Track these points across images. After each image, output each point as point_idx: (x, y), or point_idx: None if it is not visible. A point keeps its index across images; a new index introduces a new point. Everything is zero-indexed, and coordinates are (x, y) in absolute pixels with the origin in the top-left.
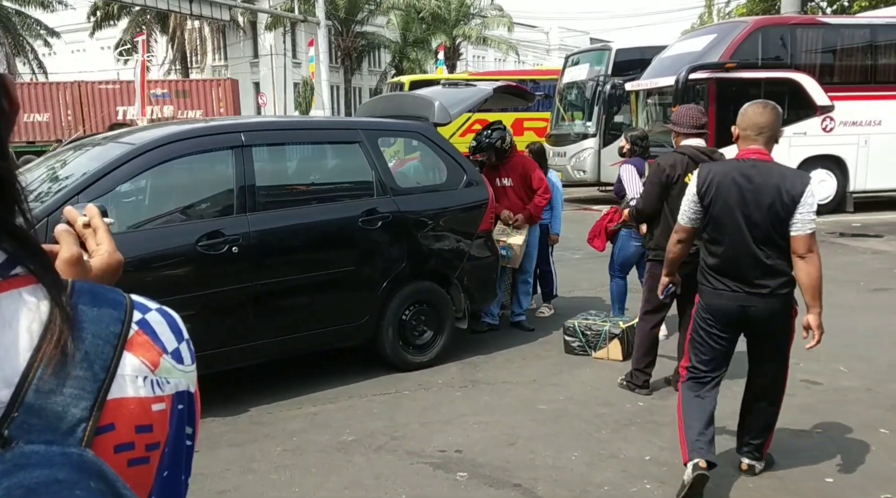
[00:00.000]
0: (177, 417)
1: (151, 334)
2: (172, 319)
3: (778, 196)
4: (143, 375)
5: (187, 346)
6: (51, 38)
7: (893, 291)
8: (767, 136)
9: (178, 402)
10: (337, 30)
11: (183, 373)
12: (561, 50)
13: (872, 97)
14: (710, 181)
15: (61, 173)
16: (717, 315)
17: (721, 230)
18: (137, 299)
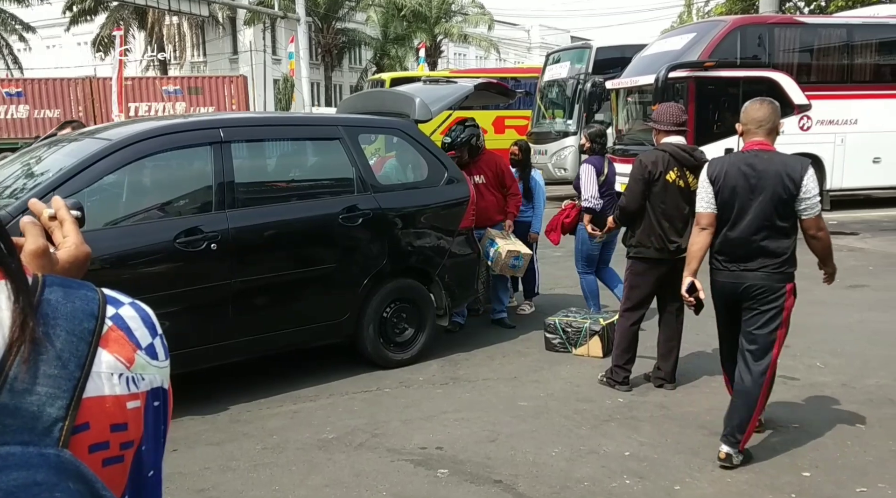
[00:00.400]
0: (152, 415)
1: (125, 330)
2: (146, 314)
3: (780, 181)
4: (118, 372)
5: (161, 341)
6: (26, 33)
7: (869, 287)
8: (767, 129)
9: (154, 398)
10: (317, 26)
11: (157, 369)
12: (542, 48)
13: (849, 96)
14: (720, 171)
15: (37, 169)
16: (718, 291)
17: (726, 214)
18: (109, 293)
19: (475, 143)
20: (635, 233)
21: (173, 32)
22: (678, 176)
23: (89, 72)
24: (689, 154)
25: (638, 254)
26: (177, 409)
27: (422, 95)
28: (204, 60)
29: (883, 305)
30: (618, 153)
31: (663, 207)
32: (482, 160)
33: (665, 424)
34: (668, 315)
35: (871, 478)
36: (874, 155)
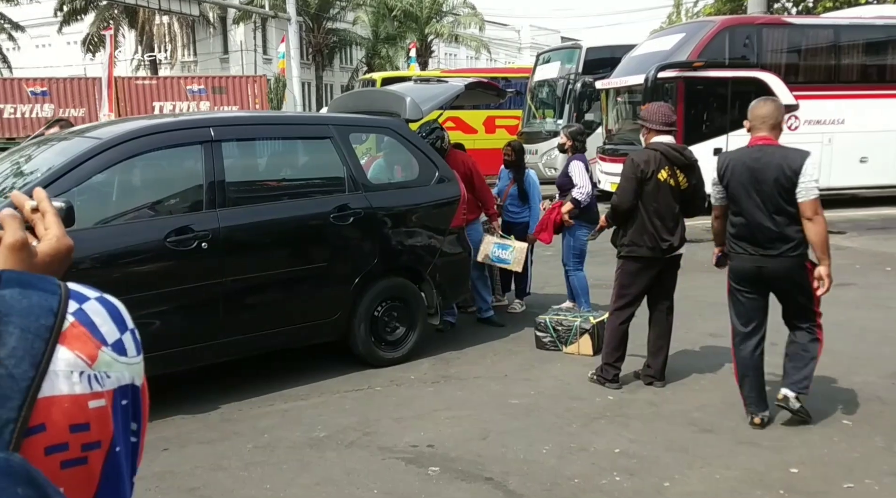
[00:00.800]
0: (121, 413)
1: (89, 325)
2: (114, 308)
3: (780, 171)
4: (78, 370)
5: (132, 336)
6: (15, 32)
7: (856, 286)
8: (770, 125)
9: (122, 397)
10: (308, 26)
11: (126, 365)
12: (532, 48)
13: (836, 96)
14: (726, 166)
15: (26, 168)
16: (738, 275)
17: (738, 204)
18: (75, 288)
19: (439, 146)
20: (627, 232)
21: (163, 32)
22: (669, 175)
23: (79, 71)
24: (680, 153)
25: (630, 253)
26: (167, 407)
27: (412, 95)
28: (194, 60)
29: (870, 303)
30: (608, 153)
31: (655, 206)
32: (449, 161)
33: (655, 422)
34: (658, 314)
35: (859, 474)
36: (861, 155)
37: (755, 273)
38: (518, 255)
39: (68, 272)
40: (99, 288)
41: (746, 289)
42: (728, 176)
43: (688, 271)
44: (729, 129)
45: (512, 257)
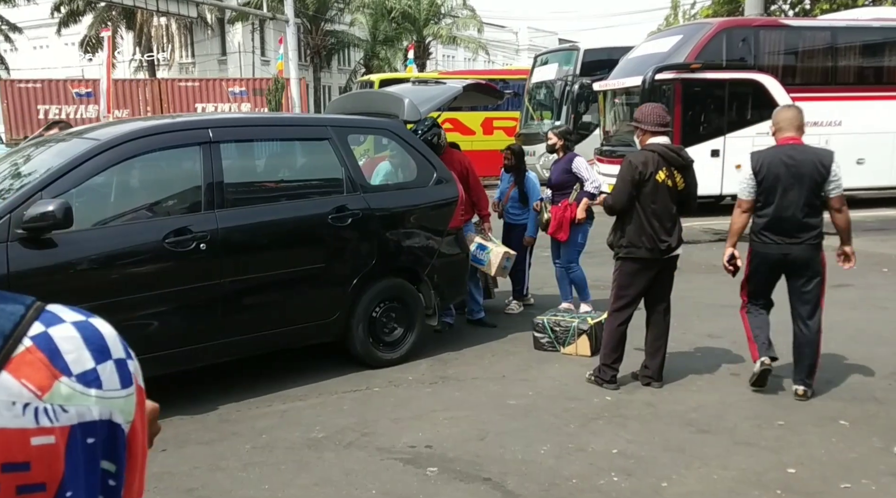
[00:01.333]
0: (82, 453)
1: (50, 352)
2: (95, 335)
3: (815, 168)
4: (23, 401)
5: (116, 366)
6: (13, 33)
7: (853, 287)
8: (796, 126)
9: (86, 434)
10: (306, 28)
11: (98, 399)
12: (530, 50)
13: (833, 98)
14: (763, 163)
15: (24, 170)
16: (765, 260)
17: (771, 197)
18: (53, 310)
19: (436, 142)
20: (625, 233)
21: (161, 33)
22: (667, 176)
23: (77, 73)
24: (677, 154)
25: (629, 254)
26: (166, 408)
27: (411, 96)
28: (192, 61)
29: (867, 304)
30: (605, 154)
31: (653, 207)
32: (445, 159)
33: (652, 422)
34: (656, 315)
35: (856, 474)
36: (858, 156)
37: (781, 259)
38: (493, 258)
39: (68, 273)
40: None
41: (767, 273)
42: (764, 172)
43: (685, 272)
44: (726, 130)
45: (487, 259)
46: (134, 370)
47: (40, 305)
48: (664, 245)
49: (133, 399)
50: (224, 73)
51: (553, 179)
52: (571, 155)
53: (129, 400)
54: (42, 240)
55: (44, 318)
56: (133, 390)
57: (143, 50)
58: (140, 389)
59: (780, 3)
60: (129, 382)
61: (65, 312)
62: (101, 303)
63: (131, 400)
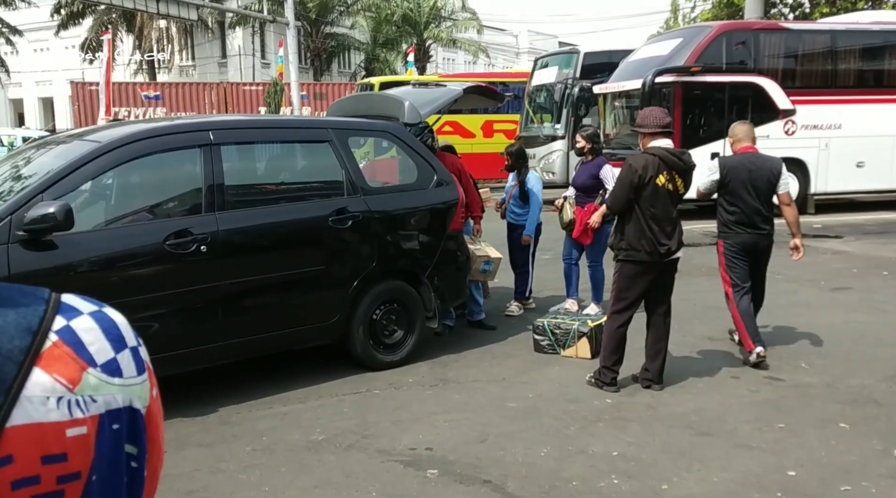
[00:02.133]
0: (109, 439)
1: (75, 345)
2: (111, 324)
3: (770, 172)
4: (56, 395)
5: (132, 354)
6: (13, 36)
7: (853, 290)
8: (752, 138)
9: (112, 421)
10: (306, 31)
11: (120, 387)
12: (530, 53)
13: (832, 101)
14: (728, 168)
15: (25, 171)
16: (741, 247)
17: (737, 197)
18: (69, 301)
19: (428, 144)
20: (625, 236)
21: (161, 36)
22: (668, 179)
23: (77, 75)
24: (678, 158)
25: (629, 257)
26: (166, 410)
27: (411, 98)
28: (193, 64)
29: (866, 307)
30: (605, 157)
31: (653, 211)
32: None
33: (653, 425)
34: (657, 317)
35: (856, 476)
36: (858, 159)
37: (753, 246)
38: (495, 267)
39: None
40: (98, 291)
41: (744, 258)
42: (730, 176)
43: (685, 275)
44: (726, 133)
45: (490, 269)
46: (145, 357)
47: (57, 298)
48: (664, 248)
49: (147, 384)
50: (224, 77)
51: (578, 182)
52: (601, 160)
53: (144, 386)
54: (43, 242)
55: (63, 310)
56: (146, 376)
57: (143, 52)
58: (152, 374)
59: (779, 6)
60: (143, 369)
61: (80, 303)
62: None
63: (146, 385)
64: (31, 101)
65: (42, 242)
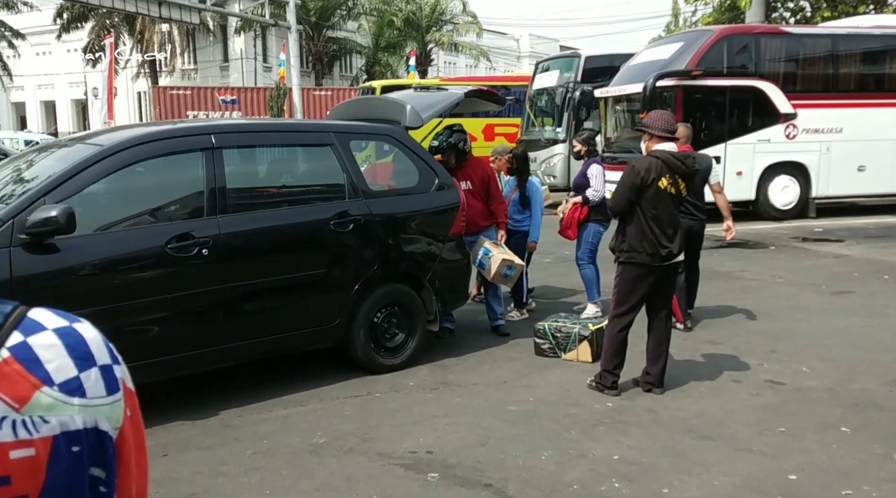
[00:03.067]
0: (66, 462)
1: (28, 362)
2: (78, 341)
3: (706, 168)
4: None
5: (101, 373)
6: (16, 39)
7: (854, 294)
8: (688, 138)
9: (70, 443)
10: (308, 34)
11: (81, 408)
12: (531, 57)
13: (834, 105)
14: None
15: (27, 175)
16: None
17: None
18: (35, 316)
19: (462, 148)
20: (627, 238)
21: (164, 40)
22: (670, 183)
23: (79, 79)
24: (682, 162)
25: (630, 259)
26: (167, 413)
27: (412, 102)
28: (194, 68)
29: (867, 310)
30: (606, 161)
31: (654, 213)
32: (469, 166)
33: (654, 428)
34: (657, 321)
35: (857, 481)
36: (859, 163)
37: (688, 229)
38: (493, 263)
39: (70, 278)
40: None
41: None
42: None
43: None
44: (727, 137)
45: (488, 265)
46: (121, 375)
47: (21, 312)
48: (665, 251)
49: (121, 405)
50: (226, 80)
51: (574, 182)
52: (592, 160)
53: (115, 406)
54: (45, 245)
55: (24, 326)
56: (120, 396)
57: (144, 52)
58: (130, 393)
59: (780, 10)
60: (115, 388)
61: (47, 317)
62: (104, 308)
63: (118, 406)
64: (33, 105)
65: (44, 246)
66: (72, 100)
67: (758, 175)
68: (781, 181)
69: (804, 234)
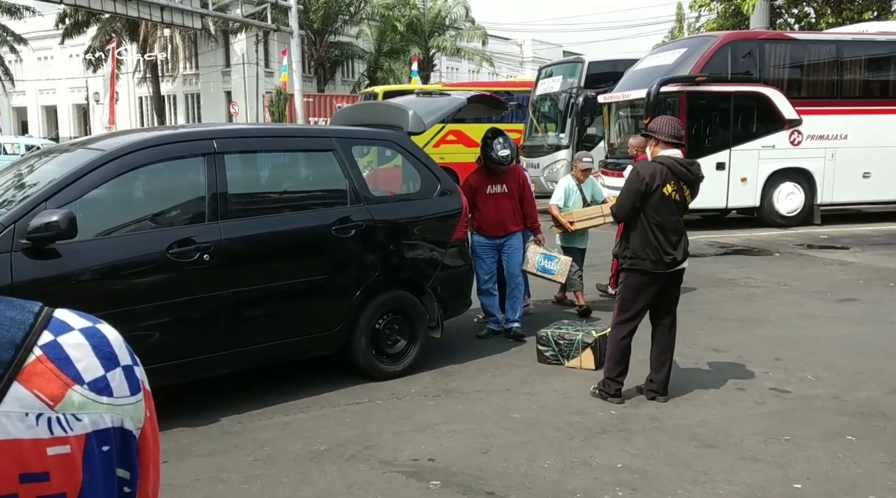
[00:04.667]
0: (99, 461)
1: (60, 361)
2: (103, 342)
3: None
4: (35, 411)
5: (124, 373)
6: (18, 45)
7: (859, 301)
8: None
9: (101, 442)
10: (310, 39)
11: (109, 407)
12: (534, 62)
13: (838, 112)
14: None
15: (28, 179)
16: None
17: None
18: (61, 317)
19: (499, 157)
20: (630, 245)
21: (166, 45)
22: (675, 189)
23: (81, 84)
24: (687, 169)
25: (633, 266)
26: (167, 420)
27: (415, 108)
28: (196, 73)
29: (873, 318)
30: (609, 167)
31: (658, 220)
32: (509, 170)
33: (657, 437)
34: (661, 328)
35: (862, 490)
36: (864, 170)
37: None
38: (563, 267)
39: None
40: (101, 299)
41: None
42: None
43: (691, 286)
44: (731, 143)
45: (557, 269)
46: (141, 376)
47: (48, 312)
48: (669, 258)
49: (142, 405)
50: (228, 85)
51: None
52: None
53: (138, 406)
54: (46, 250)
55: (52, 325)
56: (141, 397)
57: (147, 62)
58: (148, 395)
59: (785, 16)
60: (137, 389)
61: (72, 318)
62: (104, 313)
63: (140, 406)
64: (35, 110)
65: (45, 251)
66: (73, 105)
67: (762, 182)
68: (786, 188)
69: (809, 242)
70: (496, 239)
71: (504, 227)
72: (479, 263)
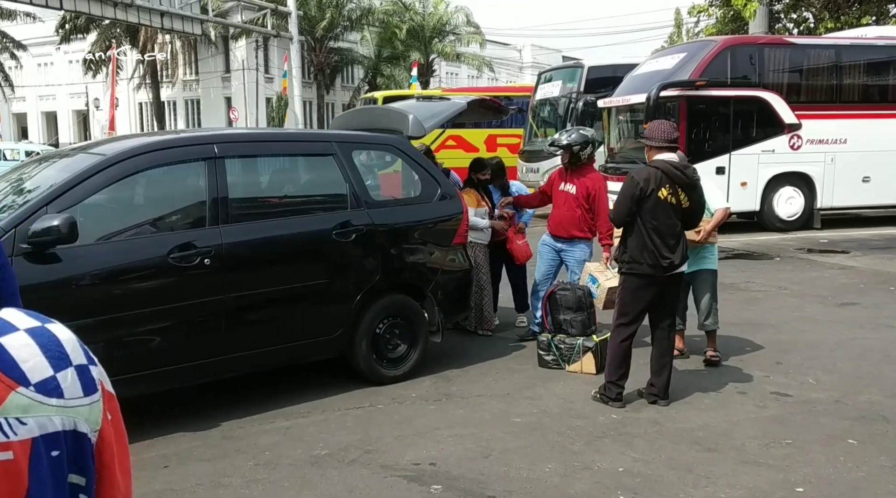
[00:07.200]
0: (47, 467)
1: (2, 363)
2: (52, 341)
3: None
4: None
5: (78, 373)
6: (17, 51)
7: (860, 305)
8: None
9: (50, 447)
10: (310, 45)
11: (60, 408)
12: (534, 67)
13: (838, 116)
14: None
15: (29, 184)
16: None
17: None
18: (6, 317)
19: (576, 152)
20: (628, 249)
21: (165, 50)
22: (670, 193)
23: (80, 89)
24: (682, 172)
25: (631, 269)
26: (168, 424)
27: (415, 112)
28: (196, 78)
29: (873, 322)
30: (609, 171)
31: (654, 224)
32: (583, 173)
33: (658, 440)
34: (661, 331)
35: (864, 494)
36: (864, 174)
37: None
38: (601, 293)
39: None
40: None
41: None
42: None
43: None
44: (731, 148)
45: (596, 293)
46: (98, 376)
47: None
48: (666, 262)
49: (99, 406)
50: (227, 91)
51: None
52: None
53: (94, 408)
54: (47, 255)
55: None
56: (98, 397)
57: (147, 68)
58: (109, 396)
59: (784, 21)
60: (93, 389)
61: (19, 318)
62: (105, 318)
63: (97, 407)
64: (35, 116)
65: (46, 255)
66: (73, 110)
67: (762, 186)
68: (786, 192)
69: (809, 246)
70: (557, 241)
71: (565, 227)
72: (538, 263)
